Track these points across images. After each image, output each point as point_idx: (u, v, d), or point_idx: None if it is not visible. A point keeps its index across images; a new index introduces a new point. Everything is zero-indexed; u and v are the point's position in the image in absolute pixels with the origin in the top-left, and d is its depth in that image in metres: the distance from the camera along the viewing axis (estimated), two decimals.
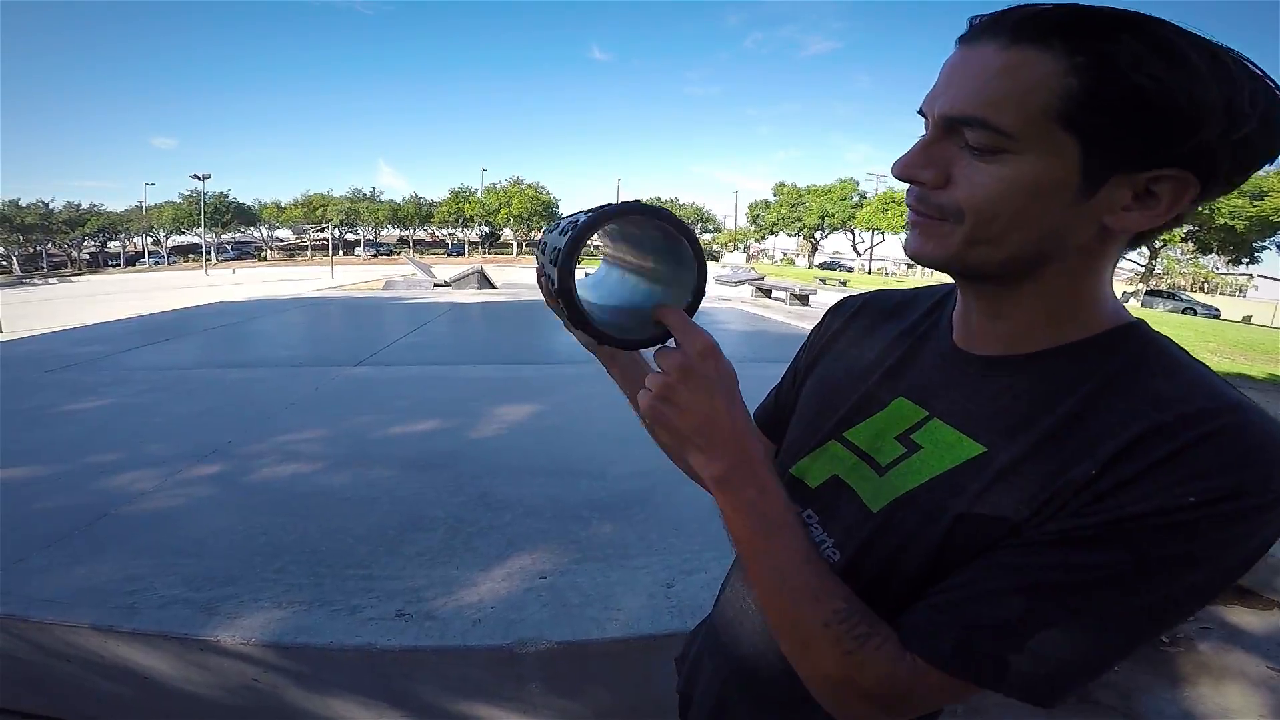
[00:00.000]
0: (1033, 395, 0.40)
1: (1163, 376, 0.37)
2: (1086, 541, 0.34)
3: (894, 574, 0.41)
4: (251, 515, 1.57)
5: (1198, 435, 0.33)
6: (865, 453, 0.46)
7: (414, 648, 1.07)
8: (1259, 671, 1.69)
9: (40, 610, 1.18)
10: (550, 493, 1.75)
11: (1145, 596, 0.33)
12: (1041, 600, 0.34)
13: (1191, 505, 0.32)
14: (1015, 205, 0.36)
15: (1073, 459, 0.36)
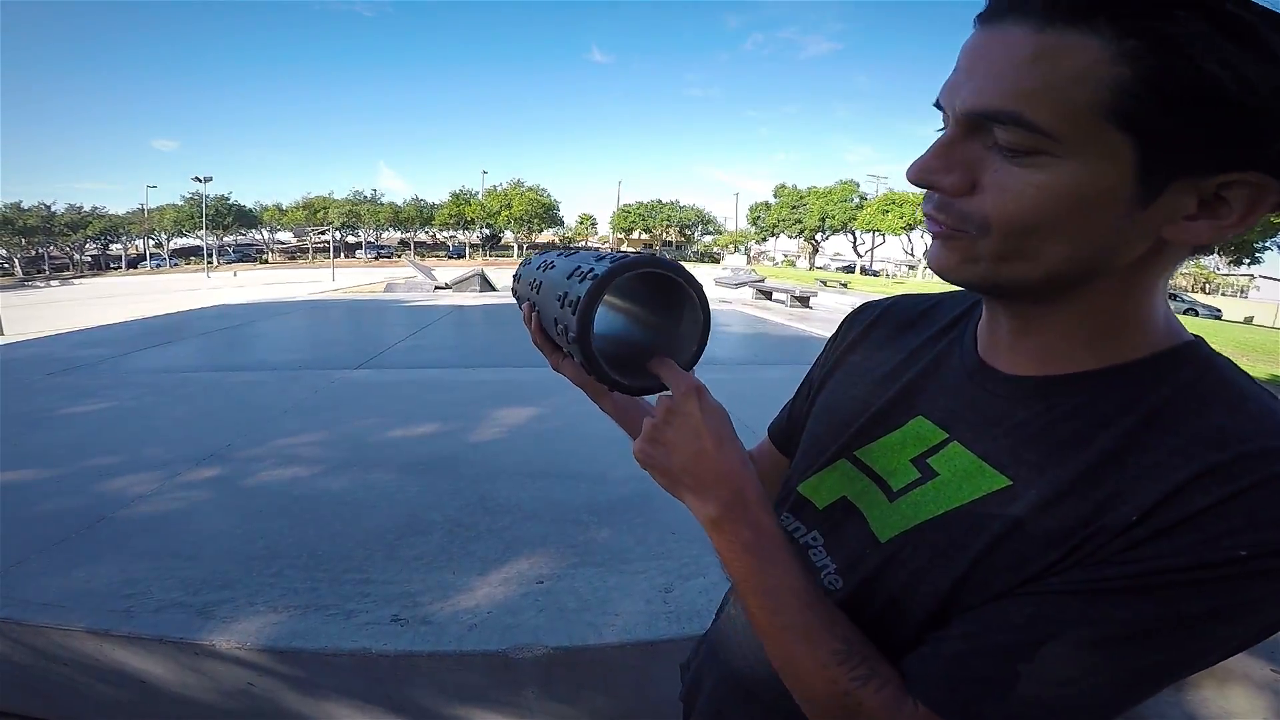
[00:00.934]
0: (1068, 425, 0.35)
1: (1222, 408, 0.32)
2: (1112, 594, 0.30)
3: (899, 612, 0.38)
4: (249, 519, 1.56)
5: (1260, 479, 0.28)
6: (877, 474, 0.42)
7: (409, 652, 1.07)
8: (1263, 675, 1.68)
9: (36, 613, 1.17)
10: (549, 496, 1.75)
11: (1173, 653, 0.30)
12: (1059, 659, 0.31)
13: (1242, 559, 0.28)
14: (1056, 217, 0.31)
15: (1109, 503, 0.31)
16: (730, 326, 6.12)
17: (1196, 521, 0.29)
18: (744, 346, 5.15)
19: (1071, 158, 0.30)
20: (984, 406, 0.39)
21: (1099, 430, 0.34)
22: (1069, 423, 0.35)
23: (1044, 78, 0.29)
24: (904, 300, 0.52)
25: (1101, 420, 0.34)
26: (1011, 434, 0.37)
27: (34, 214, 41.05)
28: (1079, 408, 0.35)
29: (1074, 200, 0.30)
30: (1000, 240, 0.32)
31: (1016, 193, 0.31)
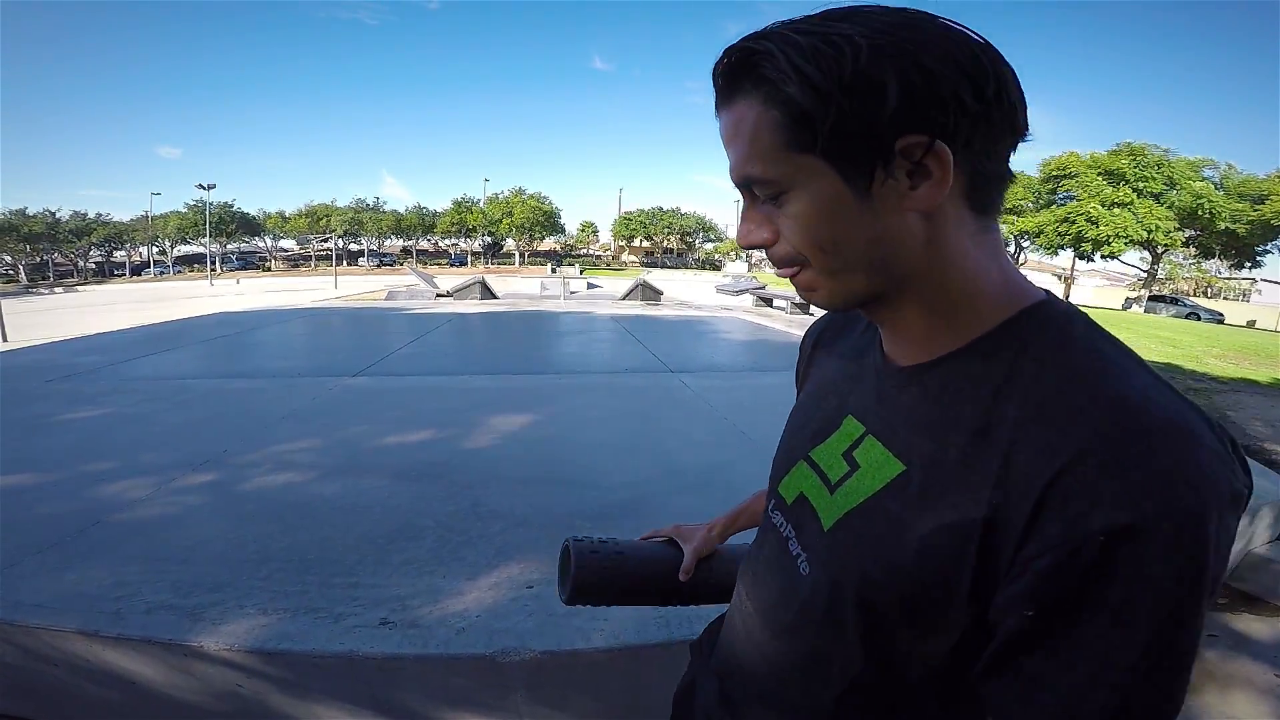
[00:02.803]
0: (939, 406, 0.39)
1: (1059, 372, 0.35)
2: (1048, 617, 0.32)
3: (842, 593, 0.42)
4: (242, 523, 1.57)
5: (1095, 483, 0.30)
6: (822, 471, 0.47)
7: (396, 655, 1.07)
8: (1266, 679, 1.66)
9: (28, 614, 1.18)
10: (540, 502, 1.75)
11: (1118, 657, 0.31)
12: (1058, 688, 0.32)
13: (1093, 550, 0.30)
14: (824, 231, 0.38)
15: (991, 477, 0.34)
16: (731, 334, 6.12)
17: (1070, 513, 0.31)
18: (744, 353, 5.15)
19: (798, 188, 0.37)
20: (887, 399, 0.44)
21: (965, 411, 0.38)
22: (940, 403, 0.39)
23: (746, 142, 0.38)
24: (830, 316, 0.58)
25: (968, 396, 0.38)
26: (905, 421, 0.42)
27: (39, 220, 41.32)
28: (945, 387, 0.39)
29: (822, 215, 0.37)
30: (817, 262, 0.39)
31: (793, 227, 0.39)
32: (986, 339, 0.39)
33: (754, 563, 0.56)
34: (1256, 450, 3.05)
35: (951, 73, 0.34)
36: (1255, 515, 2.05)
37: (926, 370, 0.41)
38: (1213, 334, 11.12)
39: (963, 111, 0.34)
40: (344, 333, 5.88)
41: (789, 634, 0.49)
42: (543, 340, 5.75)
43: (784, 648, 0.49)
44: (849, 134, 0.35)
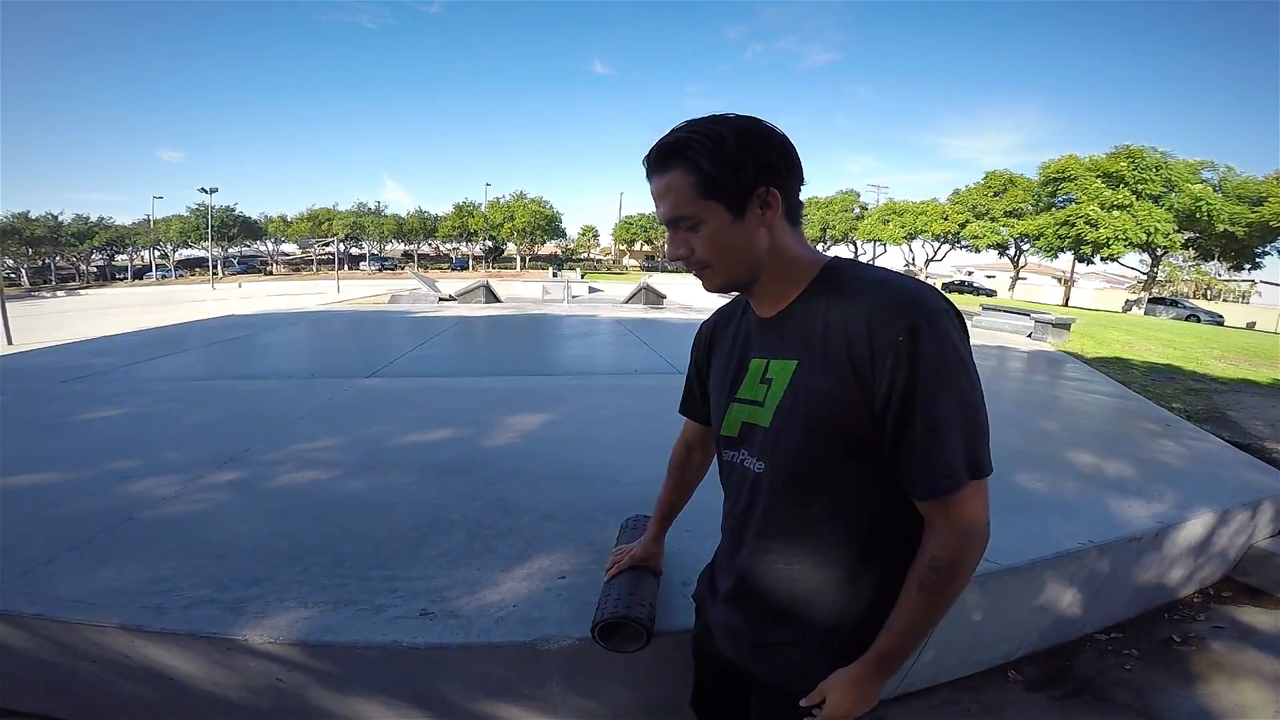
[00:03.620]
0: (800, 326, 0.71)
1: (853, 286, 0.68)
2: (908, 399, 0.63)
3: (795, 453, 0.70)
4: (273, 520, 1.59)
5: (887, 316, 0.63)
6: (749, 399, 0.75)
7: (439, 645, 1.09)
8: (1273, 669, 1.69)
9: (69, 610, 1.19)
10: (565, 497, 1.77)
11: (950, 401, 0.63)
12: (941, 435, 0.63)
13: (911, 345, 0.62)
14: (723, 244, 0.70)
15: (844, 348, 0.66)
16: None
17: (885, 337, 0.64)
18: None
19: (705, 219, 0.69)
20: (768, 336, 0.75)
21: (814, 320, 0.70)
22: (800, 324, 0.71)
23: (675, 195, 0.69)
24: (719, 313, 0.88)
25: (812, 316, 0.70)
26: (784, 342, 0.72)
27: (41, 224, 41.20)
28: (801, 315, 0.71)
29: (721, 235, 0.70)
30: (718, 263, 0.72)
31: (704, 244, 0.70)
32: (810, 287, 0.72)
33: (726, 499, 0.83)
34: (1257, 449, 3.07)
35: (776, 152, 0.69)
36: (1256, 510, 2.08)
37: (784, 314, 0.73)
38: (1212, 335, 11.16)
39: (783, 172, 0.69)
40: (352, 335, 5.91)
41: (760, 522, 0.75)
42: (550, 343, 5.78)
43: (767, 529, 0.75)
44: (731, 187, 0.68)
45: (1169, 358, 6.88)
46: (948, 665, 1.56)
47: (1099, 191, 24.58)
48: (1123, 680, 1.63)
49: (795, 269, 0.72)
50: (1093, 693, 1.59)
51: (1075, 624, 1.76)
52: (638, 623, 0.98)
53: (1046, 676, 1.64)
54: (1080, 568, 1.63)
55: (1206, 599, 2.05)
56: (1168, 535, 1.82)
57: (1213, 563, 2.06)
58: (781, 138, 0.70)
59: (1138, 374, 5.52)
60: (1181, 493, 2.01)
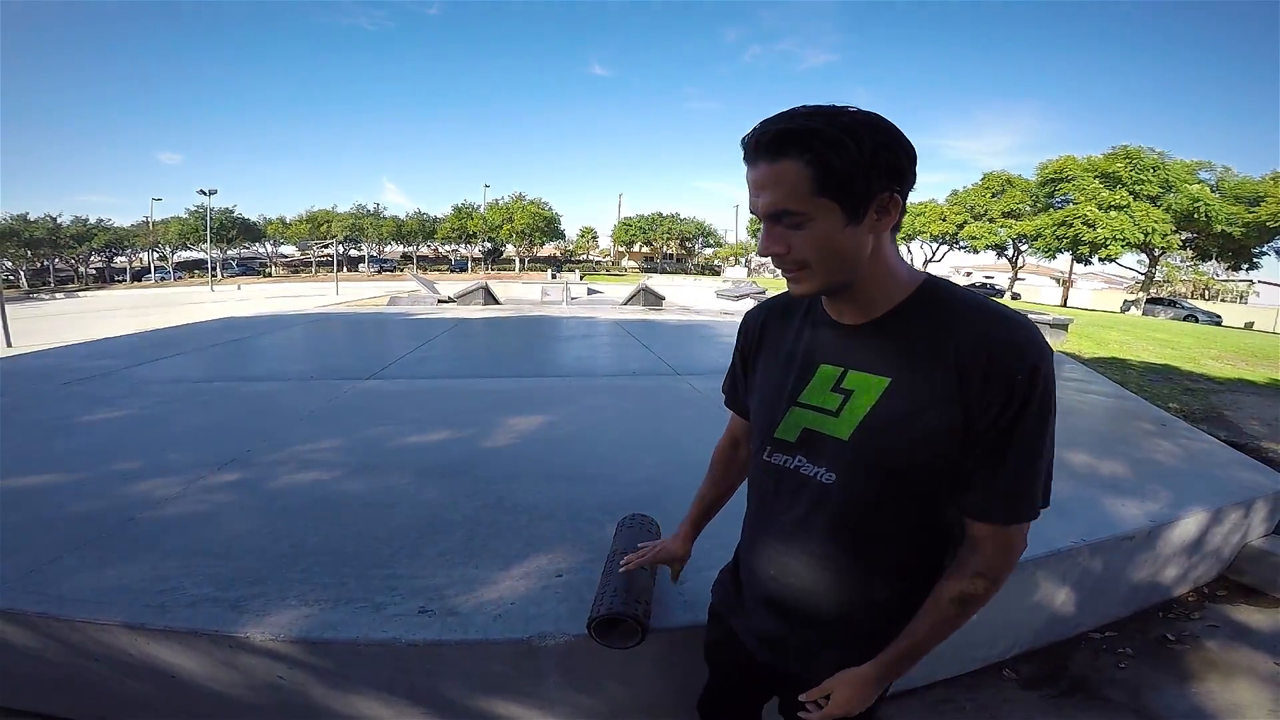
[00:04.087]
0: (897, 340, 0.68)
1: (970, 314, 0.65)
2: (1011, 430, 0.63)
3: (877, 469, 0.68)
4: (274, 519, 1.61)
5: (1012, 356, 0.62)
6: (818, 407, 0.72)
7: (438, 641, 1.11)
8: (1267, 667, 1.70)
9: (72, 609, 1.21)
10: (564, 497, 1.79)
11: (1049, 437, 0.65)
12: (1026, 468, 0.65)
13: (1027, 385, 0.62)
14: (828, 246, 0.65)
15: (954, 375, 0.64)
16: (733, 337, 6.15)
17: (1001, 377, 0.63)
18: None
19: (816, 219, 0.64)
20: (850, 346, 0.71)
21: (916, 342, 0.67)
22: (898, 340, 0.68)
23: (787, 187, 0.63)
24: (774, 303, 0.84)
25: (913, 330, 0.67)
26: (872, 354, 0.69)
27: (40, 226, 41.10)
28: (896, 332, 0.68)
29: (828, 237, 0.64)
30: (816, 265, 0.66)
31: (806, 244, 0.65)
32: (910, 301, 0.69)
33: (765, 504, 0.80)
34: (1253, 448, 3.08)
35: (908, 156, 0.64)
36: (1250, 509, 2.09)
37: (880, 323, 0.69)
38: (1210, 336, 11.18)
39: (910, 179, 0.65)
40: (352, 337, 5.92)
41: (826, 531, 0.73)
42: (550, 344, 5.79)
43: (836, 539, 0.72)
44: (857, 188, 0.62)
45: (1166, 358, 6.90)
46: (942, 663, 1.57)
47: (1096, 192, 24.64)
48: (1117, 679, 1.64)
49: (891, 281, 0.68)
50: (1087, 691, 1.60)
51: (1070, 622, 1.77)
52: (633, 619, 0.99)
53: (1041, 675, 1.65)
54: (1073, 566, 1.64)
55: (1201, 598, 2.05)
56: (1160, 534, 1.83)
57: (1207, 561, 2.07)
58: (908, 141, 0.65)
59: (1135, 374, 5.54)
60: (1175, 492, 2.02)
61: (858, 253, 0.65)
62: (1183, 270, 29.85)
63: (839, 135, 0.60)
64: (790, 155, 0.62)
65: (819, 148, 0.61)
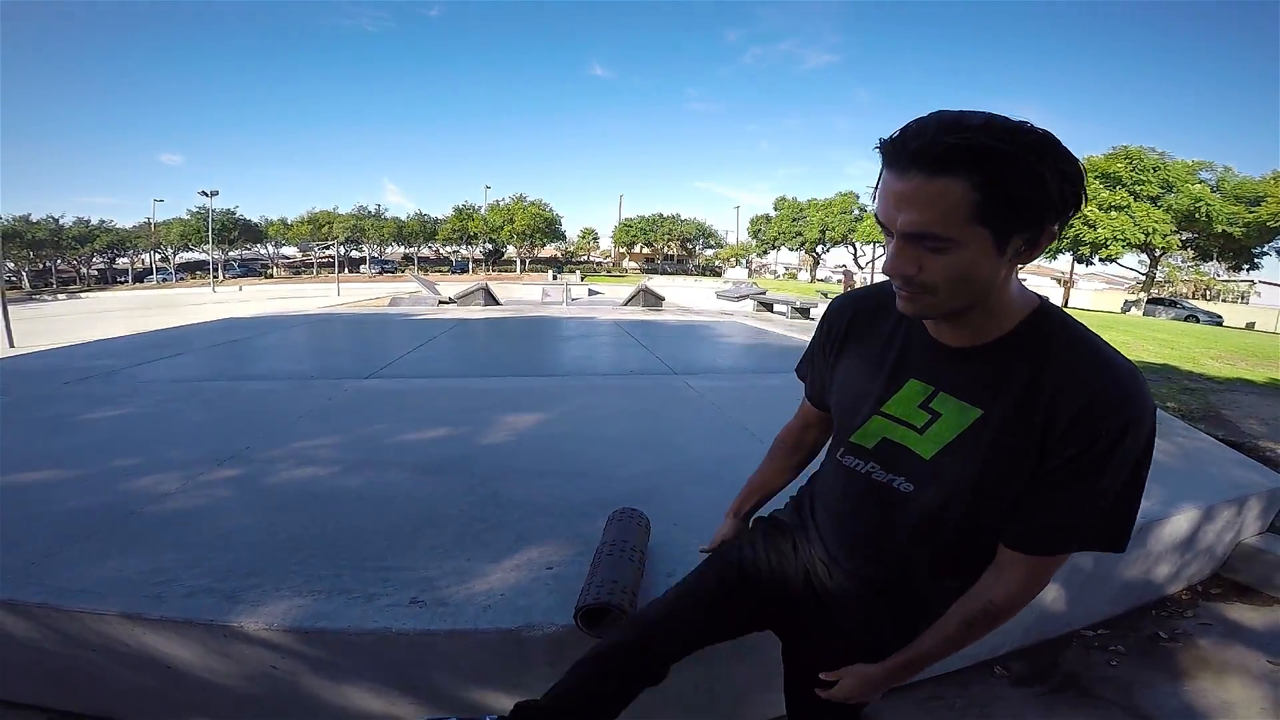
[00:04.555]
0: (996, 371, 0.65)
1: (1073, 356, 0.63)
2: (1080, 473, 0.62)
3: (954, 494, 0.68)
4: (272, 514, 1.63)
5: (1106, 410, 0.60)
6: (902, 420, 0.71)
7: (427, 631, 1.12)
8: (1260, 666, 1.69)
9: (71, 599, 1.22)
10: (558, 492, 1.81)
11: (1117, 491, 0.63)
12: (1080, 506, 0.63)
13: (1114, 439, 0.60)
14: (964, 276, 0.60)
15: (1042, 418, 0.62)
16: (732, 337, 6.19)
17: (1090, 428, 0.61)
18: (746, 356, 5.21)
19: (963, 246, 0.57)
20: (946, 367, 0.69)
21: (1016, 371, 0.64)
22: (997, 369, 0.65)
23: (942, 209, 0.56)
24: (860, 297, 0.81)
25: (1014, 364, 0.65)
26: (971, 382, 0.67)
27: (42, 227, 41.24)
28: (999, 359, 0.66)
29: (970, 265, 0.59)
30: (944, 294, 0.61)
31: (943, 269, 0.59)
32: (1018, 330, 0.65)
33: (832, 504, 0.81)
34: (1250, 447, 3.08)
35: (1077, 188, 0.57)
36: (1243, 506, 2.09)
37: (982, 350, 0.66)
38: (1210, 336, 11.17)
39: (1077, 207, 0.57)
40: (352, 337, 5.95)
41: (893, 534, 0.73)
42: (549, 344, 5.82)
43: (912, 544, 0.73)
44: (1021, 220, 0.56)
45: (1165, 357, 6.89)
46: None
47: (1096, 192, 24.62)
48: (1108, 676, 1.64)
49: (1006, 309, 0.64)
50: (1078, 689, 1.60)
51: (1061, 620, 1.77)
52: (619, 609, 1.01)
53: (1032, 672, 1.65)
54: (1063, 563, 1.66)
55: (1195, 596, 2.05)
56: (1152, 531, 1.82)
57: (1200, 559, 2.07)
58: (1080, 167, 0.57)
59: None
60: (1167, 489, 2.01)
61: (991, 284, 0.60)
62: (1184, 271, 29.78)
63: (1028, 161, 0.53)
64: (957, 174, 0.54)
65: (1000, 172, 0.53)
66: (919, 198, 0.56)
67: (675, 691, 1.28)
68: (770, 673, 1.21)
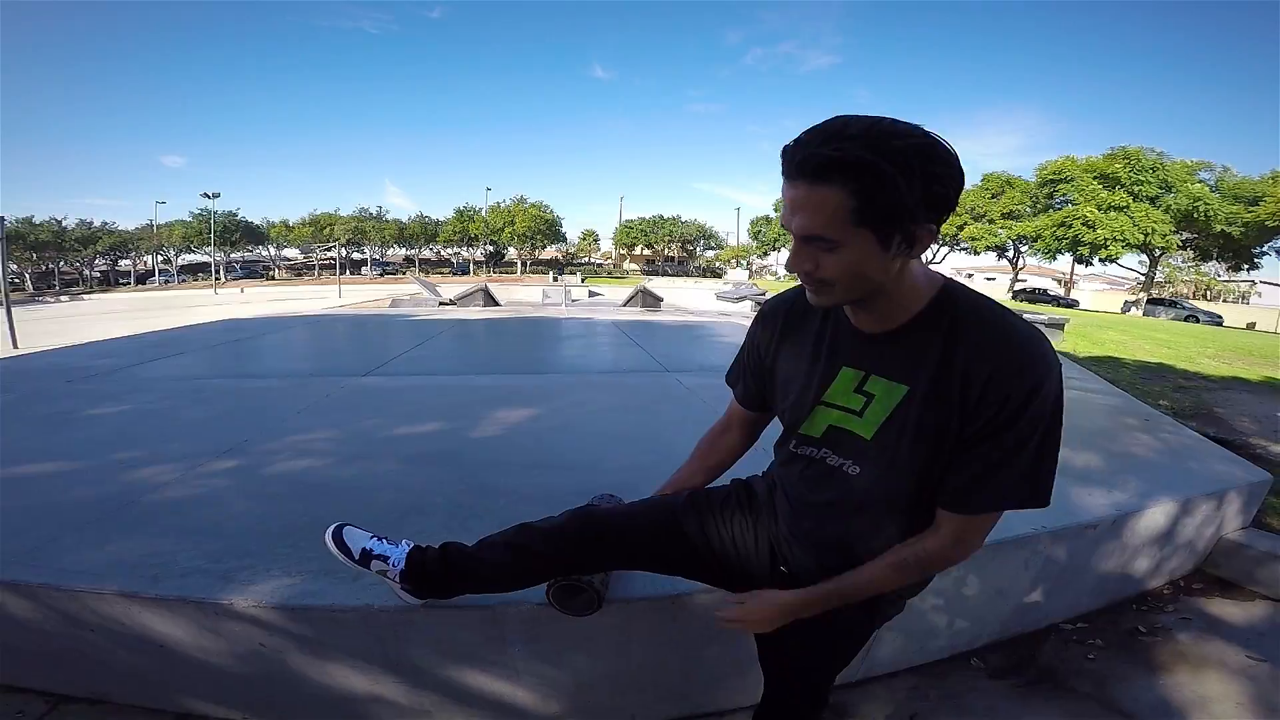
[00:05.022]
0: (913, 349, 0.73)
1: (977, 330, 0.70)
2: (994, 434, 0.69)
3: (893, 468, 0.76)
4: (266, 502, 1.68)
5: (1012, 374, 0.67)
6: (843, 406, 0.78)
7: (407, 607, 1.17)
8: (1238, 660, 1.69)
9: (72, 580, 1.27)
10: (544, 483, 1.86)
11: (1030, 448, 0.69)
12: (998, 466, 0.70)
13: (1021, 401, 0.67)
14: (855, 272, 0.67)
15: (958, 389, 0.69)
16: (727, 337, 6.21)
17: (1001, 393, 0.68)
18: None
19: (849, 246, 0.65)
20: (871, 352, 0.76)
21: (930, 353, 0.72)
22: (912, 349, 0.73)
23: (825, 214, 0.63)
24: (793, 300, 0.87)
25: (927, 342, 0.72)
26: (893, 361, 0.74)
27: (45, 229, 41.42)
28: (913, 342, 0.73)
29: (858, 263, 0.66)
30: (840, 286, 0.69)
31: (835, 266, 0.67)
32: (926, 312, 0.73)
33: (795, 486, 0.87)
34: (1241, 445, 3.08)
35: (955, 186, 0.64)
36: (1222, 501, 2.09)
37: (898, 332, 0.74)
38: (1209, 336, 11.16)
39: (949, 209, 0.65)
40: (351, 337, 6.01)
41: (851, 512, 0.81)
42: (545, 344, 5.86)
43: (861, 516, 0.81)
44: (894, 221, 0.63)
45: (1162, 357, 6.90)
46: (908, 651, 1.60)
47: (1095, 193, 24.61)
48: (1084, 670, 1.64)
49: (910, 293, 0.71)
50: (1054, 681, 1.60)
51: (1039, 612, 1.78)
52: (589, 587, 1.05)
53: (1009, 664, 1.66)
54: (1034, 554, 1.65)
55: (1176, 591, 2.05)
56: (1126, 524, 1.82)
57: (1181, 554, 2.07)
58: (958, 167, 0.64)
59: (1128, 372, 5.54)
60: (1145, 482, 2.02)
61: (884, 276, 0.68)
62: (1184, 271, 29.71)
63: (889, 171, 0.59)
64: (833, 183, 0.60)
65: (866, 181, 0.60)
66: (806, 204, 0.64)
67: (649, 675, 1.33)
68: (742, 657, 1.25)
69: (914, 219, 0.63)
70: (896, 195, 0.60)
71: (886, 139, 0.60)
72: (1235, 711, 1.49)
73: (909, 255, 0.67)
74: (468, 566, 1.04)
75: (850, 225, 0.63)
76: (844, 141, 0.60)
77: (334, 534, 1.09)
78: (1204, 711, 1.48)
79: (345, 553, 1.08)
